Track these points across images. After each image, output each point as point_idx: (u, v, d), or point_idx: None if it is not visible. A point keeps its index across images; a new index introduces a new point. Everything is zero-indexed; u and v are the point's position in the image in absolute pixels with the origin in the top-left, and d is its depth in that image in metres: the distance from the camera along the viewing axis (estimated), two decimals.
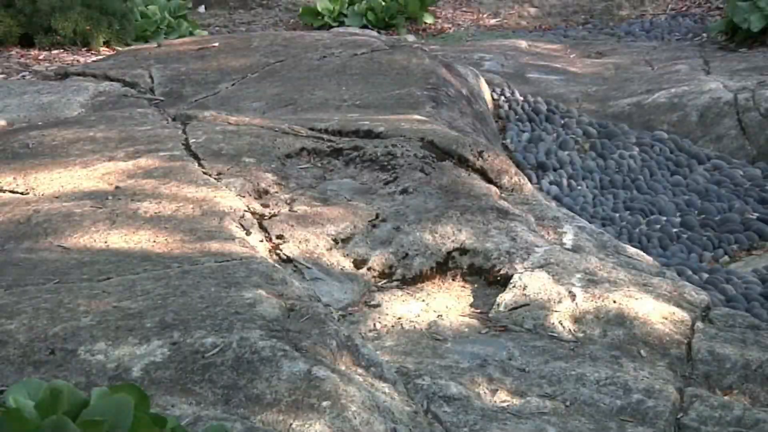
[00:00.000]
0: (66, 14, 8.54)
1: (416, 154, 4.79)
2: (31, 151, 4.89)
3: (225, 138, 4.91)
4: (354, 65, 6.53)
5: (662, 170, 6.50)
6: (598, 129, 6.93)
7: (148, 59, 7.04)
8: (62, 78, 6.89)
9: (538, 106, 7.17)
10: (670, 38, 9.75)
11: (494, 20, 10.70)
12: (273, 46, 7.00)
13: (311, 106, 5.89)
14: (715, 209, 6.01)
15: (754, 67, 7.86)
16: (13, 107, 6.19)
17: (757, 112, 6.83)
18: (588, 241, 4.45)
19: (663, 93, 7.23)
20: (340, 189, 4.58)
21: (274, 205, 4.34)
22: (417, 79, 6.28)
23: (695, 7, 10.66)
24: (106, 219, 4.00)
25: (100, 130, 5.11)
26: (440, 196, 4.48)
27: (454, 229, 4.21)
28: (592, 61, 8.65)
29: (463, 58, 8.16)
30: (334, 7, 10.43)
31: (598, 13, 10.74)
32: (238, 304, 3.12)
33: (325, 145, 4.97)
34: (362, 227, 4.25)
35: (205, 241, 3.79)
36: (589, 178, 6.41)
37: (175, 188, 4.30)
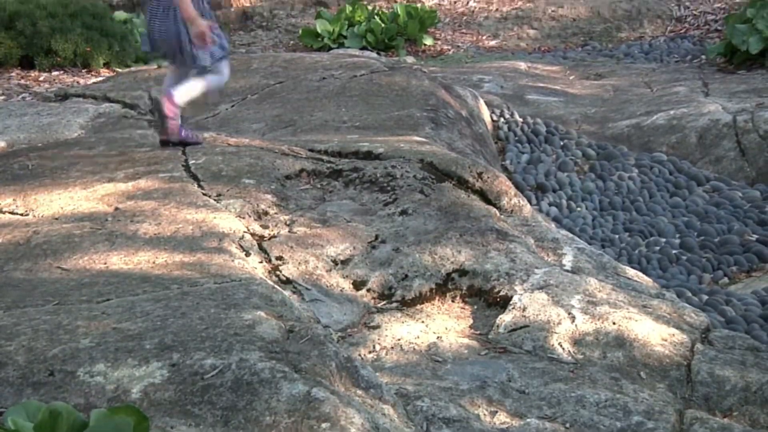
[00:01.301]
0: (66, 36, 8.56)
1: (416, 176, 4.79)
2: (31, 172, 4.89)
3: (225, 159, 4.91)
4: (353, 87, 6.54)
5: (661, 192, 6.51)
6: (597, 150, 6.94)
7: (148, 81, 7.05)
8: (62, 99, 6.90)
9: (537, 128, 7.17)
10: (669, 60, 9.77)
11: (494, 42, 10.72)
12: (273, 68, 7.01)
13: (311, 127, 5.89)
14: (715, 231, 6.01)
15: (752, 89, 7.87)
16: (14, 128, 6.20)
17: (756, 133, 6.83)
18: (587, 263, 4.45)
19: (662, 115, 7.24)
20: (340, 210, 4.58)
21: (273, 226, 4.34)
22: (416, 101, 6.28)
23: (694, 29, 10.69)
24: (106, 240, 4.00)
25: (100, 152, 5.11)
26: (440, 217, 4.48)
27: (454, 251, 4.21)
28: (591, 83, 8.66)
29: (463, 79, 8.17)
30: (334, 29, 10.45)
31: (597, 35, 10.76)
32: (237, 325, 3.12)
33: (324, 166, 4.97)
34: (362, 248, 4.25)
35: (204, 263, 3.79)
36: (589, 199, 6.41)
37: (175, 209, 4.29)
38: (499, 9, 11.26)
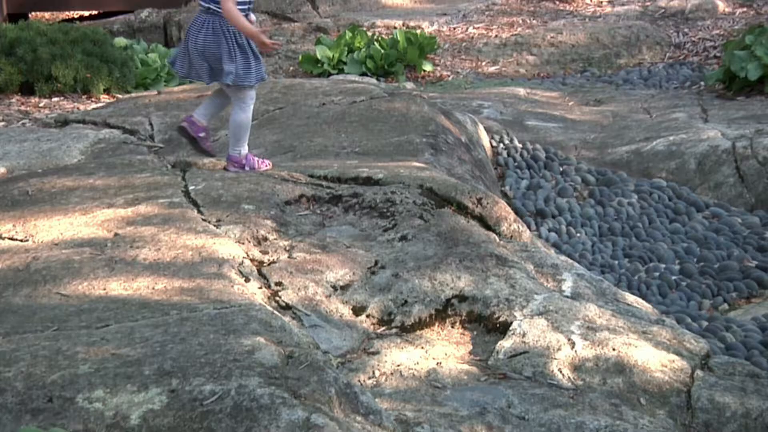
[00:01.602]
0: (66, 62, 8.58)
1: (415, 201, 4.79)
2: (31, 198, 4.89)
3: (224, 185, 4.92)
4: (353, 112, 6.56)
5: (661, 218, 6.51)
6: (596, 176, 6.95)
7: (148, 106, 7.06)
8: (62, 125, 6.91)
9: (536, 154, 7.18)
10: (668, 86, 9.79)
11: (493, 68, 10.75)
12: (273, 94, 7.03)
13: (311, 153, 5.90)
14: (714, 257, 6.02)
15: (751, 116, 7.88)
16: (13, 154, 6.20)
17: (755, 160, 6.84)
18: (587, 289, 4.45)
19: (661, 141, 7.25)
20: (339, 236, 4.58)
21: (273, 252, 4.34)
22: (416, 126, 6.29)
23: (693, 55, 10.71)
24: (105, 266, 4.00)
25: (100, 177, 5.12)
26: (439, 243, 4.48)
27: (453, 276, 4.21)
28: (590, 109, 8.68)
29: (462, 105, 8.19)
30: (334, 55, 10.48)
31: (596, 62, 10.79)
32: (236, 351, 3.12)
33: (324, 191, 4.98)
34: (361, 274, 4.25)
35: (204, 288, 3.79)
36: (588, 225, 6.42)
37: (174, 235, 4.30)
38: (498, 35, 11.29)
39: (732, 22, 11.41)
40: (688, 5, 11.79)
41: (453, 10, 12.15)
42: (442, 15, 11.95)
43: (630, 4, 12.21)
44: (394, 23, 11.46)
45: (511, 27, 11.50)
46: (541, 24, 11.51)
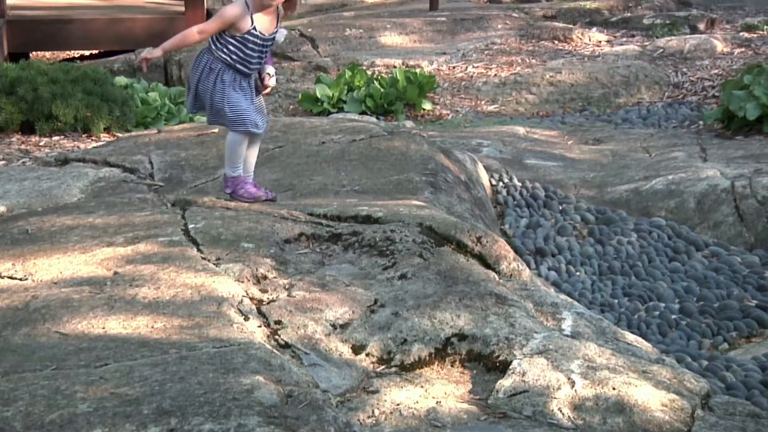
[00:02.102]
0: (67, 101, 8.60)
1: (415, 240, 4.80)
2: (31, 237, 4.90)
3: (224, 223, 4.92)
4: (353, 151, 6.57)
5: (660, 257, 6.51)
6: (596, 215, 6.95)
7: (148, 145, 7.08)
8: (62, 164, 6.92)
9: (536, 192, 7.19)
10: (667, 125, 9.81)
11: (492, 107, 10.78)
12: (272, 132, 7.04)
13: (310, 191, 5.91)
14: (714, 296, 6.01)
15: (750, 155, 7.90)
16: (13, 193, 6.21)
17: (754, 199, 6.85)
18: (587, 328, 4.44)
19: (660, 180, 7.26)
20: (339, 274, 4.58)
21: (272, 290, 4.34)
22: (415, 165, 6.31)
23: (691, 95, 10.75)
24: (105, 305, 4.00)
25: (100, 216, 5.12)
26: (439, 281, 4.48)
27: (453, 315, 4.20)
28: (589, 148, 8.70)
29: (462, 143, 8.21)
30: (333, 94, 10.51)
31: (595, 101, 10.82)
32: (236, 390, 3.11)
33: (323, 230, 4.98)
34: (361, 313, 4.24)
35: (203, 327, 3.79)
36: (588, 264, 6.41)
37: (174, 274, 4.30)
38: (497, 74, 11.33)
39: (730, 61, 11.45)
40: (686, 45, 11.84)
41: (452, 49, 12.20)
42: (441, 54, 11.99)
43: (628, 44, 12.26)
44: (393, 62, 11.51)
45: (510, 66, 11.54)
46: (540, 63, 11.56)
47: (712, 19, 13.39)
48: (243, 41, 5.11)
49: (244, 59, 5.14)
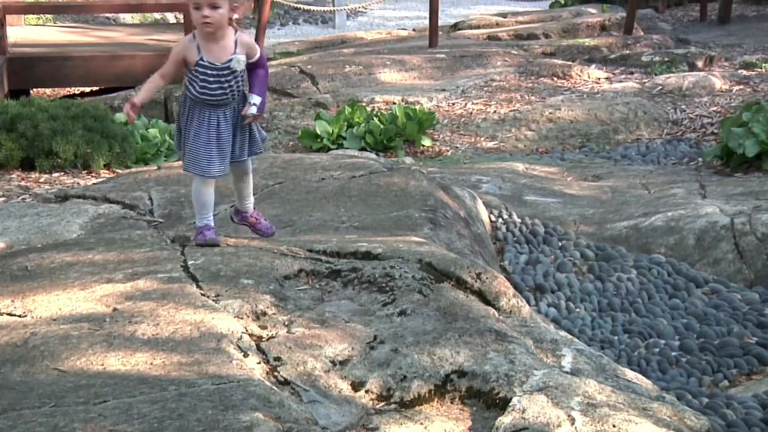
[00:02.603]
0: (67, 138, 8.62)
1: (414, 276, 4.79)
2: (30, 273, 4.89)
3: (223, 259, 4.92)
4: (352, 187, 6.58)
5: (660, 293, 6.51)
6: (595, 251, 6.95)
7: (148, 181, 7.09)
8: (62, 200, 6.93)
9: (535, 228, 7.19)
10: (666, 162, 9.83)
11: (492, 143, 10.80)
12: (272, 168, 7.05)
13: (310, 227, 5.91)
14: (714, 333, 6.00)
15: (749, 192, 7.90)
16: (13, 230, 6.21)
17: (753, 236, 6.85)
18: (587, 365, 4.43)
19: (660, 216, 7.26)
20: (339, 310, 4.57)
21: (272, 326, 4.33)
22: (415, 201, 6.31)
23: (690, 132, 10.77)
24: (104, 341, 3.99)
25: (99, 252, 5.12)
26: (438, 318, 4.47)
27: (453, 352, 4.20)
28: (589, 184, 8.71)
29: (461, 180, 8.22)
30: (333, 130, 10.53)
31: (595, 137, 10.84)
32: (235, 427, 3.10)
33: (323, 266, 4.98)
34: (360, 349, 4.24)
35: (202, 364, 3.78)
36: (588, 300, 6.41)
37: (173, 310, 4.29)
38: (497, 111, 11.36)
39: (729, 99, 11.49)
40: (685, 83, 11.88)
41: (451, 86, 12.24)
42: (440, 91, 12.03)
43: (627, 81, 12.30)
44: (393, 99, 11.54)
45: (509, 103, 11.57)
46: (539, 100, 11.59)
47: (711, 57, 13.44)
48: (196, 73, 4.89)
49: (204, 92, 4.91)
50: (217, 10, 4.77)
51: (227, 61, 4.89)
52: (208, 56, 4.88)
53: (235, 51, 4.90)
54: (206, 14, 4.76)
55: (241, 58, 4.90)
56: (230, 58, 4.89)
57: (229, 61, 4.88)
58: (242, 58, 4.90)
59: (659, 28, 17.12)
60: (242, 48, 4.92)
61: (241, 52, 4.91)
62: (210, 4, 4.76)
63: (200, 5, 4.77)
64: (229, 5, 4.81)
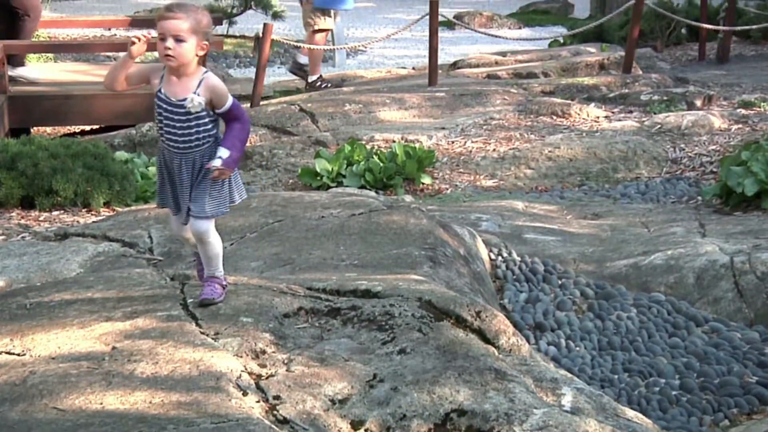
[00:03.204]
0: (67, 176, 8.64)
1: (414, 314, 4.79)
2: (29, 311, 4.89)
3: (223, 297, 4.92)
4: (352, 225, 6.58)
5: (660, 332, 6.49)
6: (595, 290, 6.94)
7: (148, 220, 7.09)
8: (62, 239, 6.93)
9: (535, 267, 7.19)
10: (666, 201, 9.83)
11: (491, 181, 10.81)
12: (272, 206, 7.06)
13: (309, 265, 5.91)
14: (715, 372, 5.99)
15: (749, 231, 7.91)
16: (12, 268, 6.22)
17: (753, 275, 6.85)
18: (587, 404, 4.42)
19: (659, 255, 7.26)
20: (338, 349, 4.57)
21: (271, 365, 4.33)
22: (414, 239, 6.32)
23: (689, 170, 10.79)
24: (103, 380, 3.99)
25: (98, 291, 5.12)
26: (438, 356, 4.47)
27: (452, 390, 4.19)
28: (588, 223, 8.71)
29: (461, 218, 8.22)
30: (333, 168, 10.55)
31: (594, 176, 10.85)
32: None
33: (323, 304, 4.98)
34: (360, 388, 4.23)
35: (201, 402, 3.77)
36: (587, 339, 6.39)
37: (172, 348, 4.29)
38: (496, 149, 11.38)
39: (728, 137, 11.51)
40: (684, 121, 11.91)
41: (451, 124, 12.26)
42: (440, 129, 12.05)
43: (626, 119, 12.33)
44: (392, 137, 11.56)
45: (508, 141, 11.60)
46: (538, 138, 11.61)
47: (710, 96, 13.48)
48: (156, 105, 4.59)
49: (162, 130, 4.60)
50: (181, 44, 4.44)
51: (182, 99, 4.52)
52: (167, 88, 4.56)
53: (196, 91, 4.52)
54: (168, 46, 4.44)
55: (199, 100, 4.50)
56: (185, 96, 4.53)
57: (184, 99, 4.52)
58: (200, 100, 4.51)
59: (658, 67, 17.17)
60: (206, 91, 4.53)
61: (203, 93, 4.52)
62: (175, 36, 4.43)
63: (164, 36, 4.45)
64: (198, 41, 4.48)
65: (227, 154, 4.50)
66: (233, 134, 4.57)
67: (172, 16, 4.43)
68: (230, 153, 4.51)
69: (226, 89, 4.60)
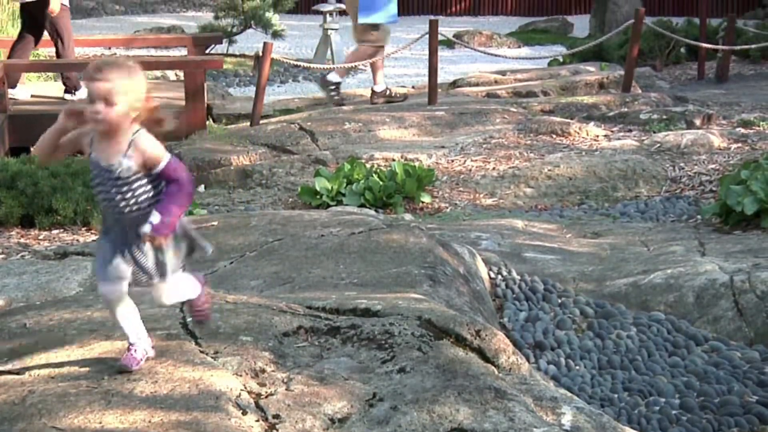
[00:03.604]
0: (67, 195, 8.64)
1: (414, 333, 4.79)
2: (28, 330, 4.89)
3: (222, 316, 4.92)
4: (352, 244, 6.58)
5: (660, 351, 6.49)
6: (595, 309, 6.94)
7: None
8: (61, 257, 6.93)
9: (535, 285, 7.19)
10: (665, 219, 9.83)
11: (491, 200, 10.82)
12: (272, 225, 7.07)
13: (309, 284, 5.91)
14: (715, 392, 5.98)
15: (748, 250, 7.90)
16: (12, 287, 6.22)
17: (753, 294, 6.84)
18: (587, 423, 4.42)
19: (659, 274, 7.25)
20: (338, 368, 4.56)
21: (270, 384, 4.32)
22: (414, 258, 6.32)
23: (689, 189, 10.80)
24: (102, 399, 3.98)
25: (98, 309, 5.11)
26: (438, 375, 4.47)
27: (452, 409, 4.19)
28: (588, 241, 8.71)
29: (460, 236, 8.22)
30: (332, 187, 10.55)
31: (594, 194, 10.86)
32: None
33: (322, 323, 4.98)
34: (359, 407, 4.23)
35: (201, 422, 3.77)
36: (587, 358, 6.39)
37: (172, 367, 4.29)
38: (496, 168, 11.39)
39: (727, 156, 11.52)
40: (683, 140, 11.92)
41: (451, 143, 12.28)
42: (440, 148, 12.07)
43: (626, 138, 12.34)
44: (392, 156, 11.57)
45: (508, 160, 11.61)
46: (538, 157, 11.63)
47: (709, 115, 13.50)
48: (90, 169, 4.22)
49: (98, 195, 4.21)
50: (111, 107, 3.99)
51: (112, 164, 4.09)
52: (98, 152, 4.12)
53: (126, 153, 4.07)
54: (97, 110, 4.00)
55: (129, 164, 4.07)
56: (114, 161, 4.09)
57: (113, 164, 4.09)
58: (130, 163, 4.06)
59: (657, 86, 17.20)
60: (136, 153, 4.07)
61: (133, 156, 4.07)
62: (104, 98, 3.98)
63: (93, 99, 4.01)
64: (129, 101, 4.03)
65: (158, 219, 4.04)
66: (168, 197, 4.09)
67: (101, 77, 3.98)
68: (161, 218, 4.04)
69: (161, 148, 4.11)
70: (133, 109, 4.06)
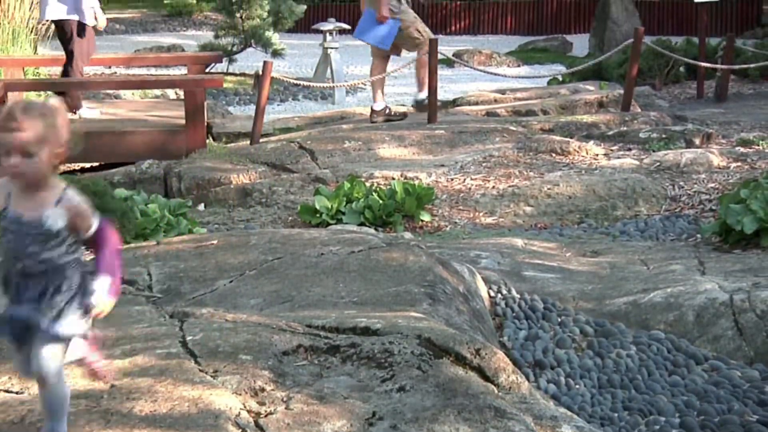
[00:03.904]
0: None
1: (413, 352, 4.79)
2: None
3: (222, 335, 4.92)
4: (351, 262, 6.58)
5: (660, 370, 6.48)
6: (595, 327, 6.93)
7: (147, 257, 7.09)
8: None
9: (534, 304, 7.19)
10: (665, 238, 9.84)
11: (490, 219, 10.82)
12: (271, 244, 7.06)
13: (309, 302, 5.91)
14: (715, 411, 5.97)
15: (748, 269, 7.91)
16: None
17: (753, 313, 6.84)
18: None
19: (659, 293, 7.25)
20: (337, 387, 4.56)
21: (270, 403, 4.32)
22: (414, 277, 6.32)
23: (688, 208, 10.80)
24: (101, 418, 3.98)
25: (97, 328, 5.11)
26: (437, 394, 4.46)
27: (452, 428, 4.18)
28: (587, 260, 8.71)
29: (460, 255, 8.22)
30: (332, 205, 10.56)
31: (593, 213, 10.87)
32: None
33: (322, 342, 4.97)
34: (359, 426, 4.22)
35: None
36: (587, 376, 6.38)
37: (171, 386, 4.28)
38: (495, 186, 11.40)
39: (727, 175, 11.54)
40: (683, 159, 11.94)
41: (450, 161, 12.29)
42: (439, 166, 12.08)
43: (625, 157, 12.36)
44: (392, 174, 11.59)
45: (508, 178, 11.62)
46: (538, 176, 11.64)
47: (708, 134, 13.52)
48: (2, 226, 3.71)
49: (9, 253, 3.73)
50: (31, 159, 3.56)
51: (36, 219, 3.68)
52: (16, 206, 3.68)
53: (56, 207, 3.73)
54: (14, 164, 3.55)
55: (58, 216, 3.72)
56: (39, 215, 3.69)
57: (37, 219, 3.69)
58: (58, 219, 3.72)
59: (656, 105, 17.23)
60: (67, 211, 3.75)
61: (63, 213, 3.74)
62: (22, 150, 3.53)
63: (9, 151, 3.54)
64: (51, 150, 3.61)
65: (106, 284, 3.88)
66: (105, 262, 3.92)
67: (16, 127, 3.50)
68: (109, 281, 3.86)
69: (90, 209, 3.85)
70: (56, 156, 3.64)
